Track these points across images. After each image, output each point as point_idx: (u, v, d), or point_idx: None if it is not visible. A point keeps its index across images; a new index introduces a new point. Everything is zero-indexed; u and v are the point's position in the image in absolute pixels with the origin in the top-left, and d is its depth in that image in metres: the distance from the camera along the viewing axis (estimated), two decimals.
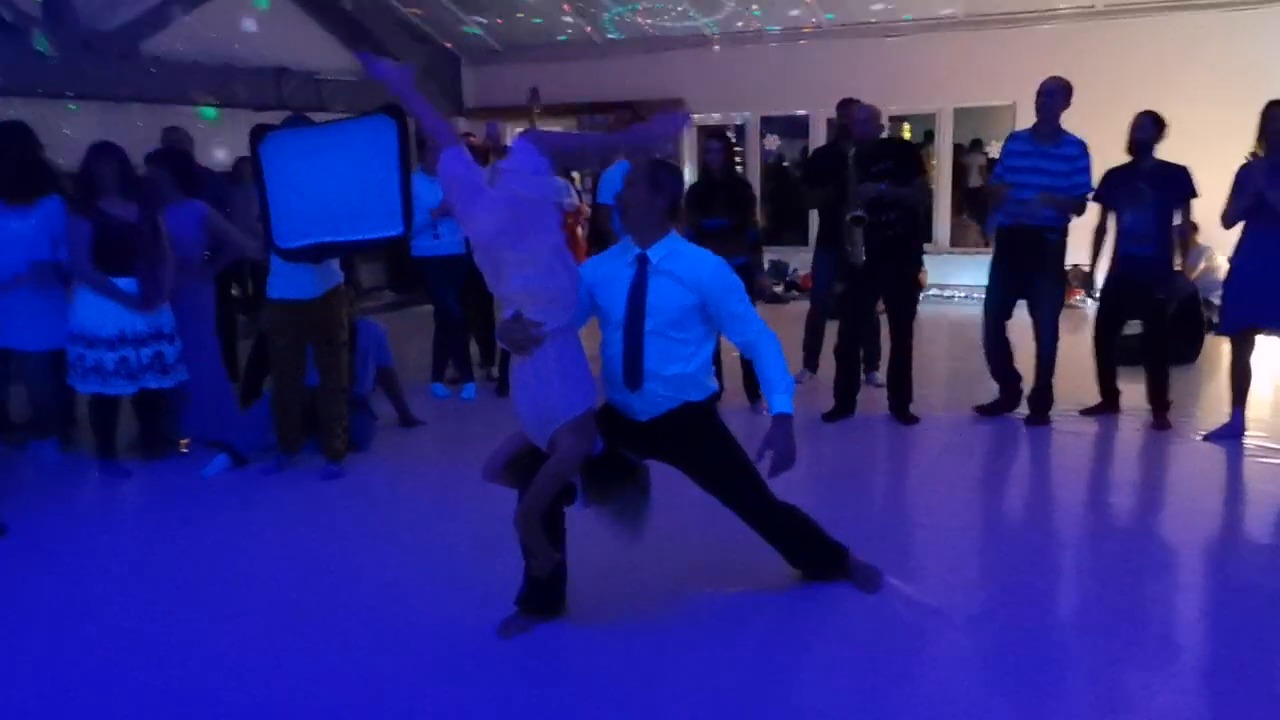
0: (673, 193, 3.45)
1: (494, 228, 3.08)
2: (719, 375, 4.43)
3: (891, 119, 11.53)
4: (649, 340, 3.39)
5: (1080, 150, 5.85)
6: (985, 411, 6.32)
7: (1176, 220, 5.95)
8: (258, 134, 4.93)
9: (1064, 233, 5.98)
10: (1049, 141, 5.86)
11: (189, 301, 5.60)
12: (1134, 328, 6.37)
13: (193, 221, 5.65)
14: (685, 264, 3.41)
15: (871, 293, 6.26)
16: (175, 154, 6.10)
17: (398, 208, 4.65)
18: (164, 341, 5.39)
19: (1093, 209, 6.12)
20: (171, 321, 5.43)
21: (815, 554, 3.78)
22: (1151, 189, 5.85)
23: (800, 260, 11.29)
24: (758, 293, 6.13)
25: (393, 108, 4.60)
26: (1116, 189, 5.96)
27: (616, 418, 3.50)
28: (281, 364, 5.33)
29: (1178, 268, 6.34)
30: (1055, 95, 5.84)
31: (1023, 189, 5.88)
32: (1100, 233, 6.16)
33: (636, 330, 3.40)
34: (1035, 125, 5.97)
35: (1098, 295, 6.31)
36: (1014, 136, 6.17)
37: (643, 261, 3.43)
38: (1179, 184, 5.87)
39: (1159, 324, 6.12)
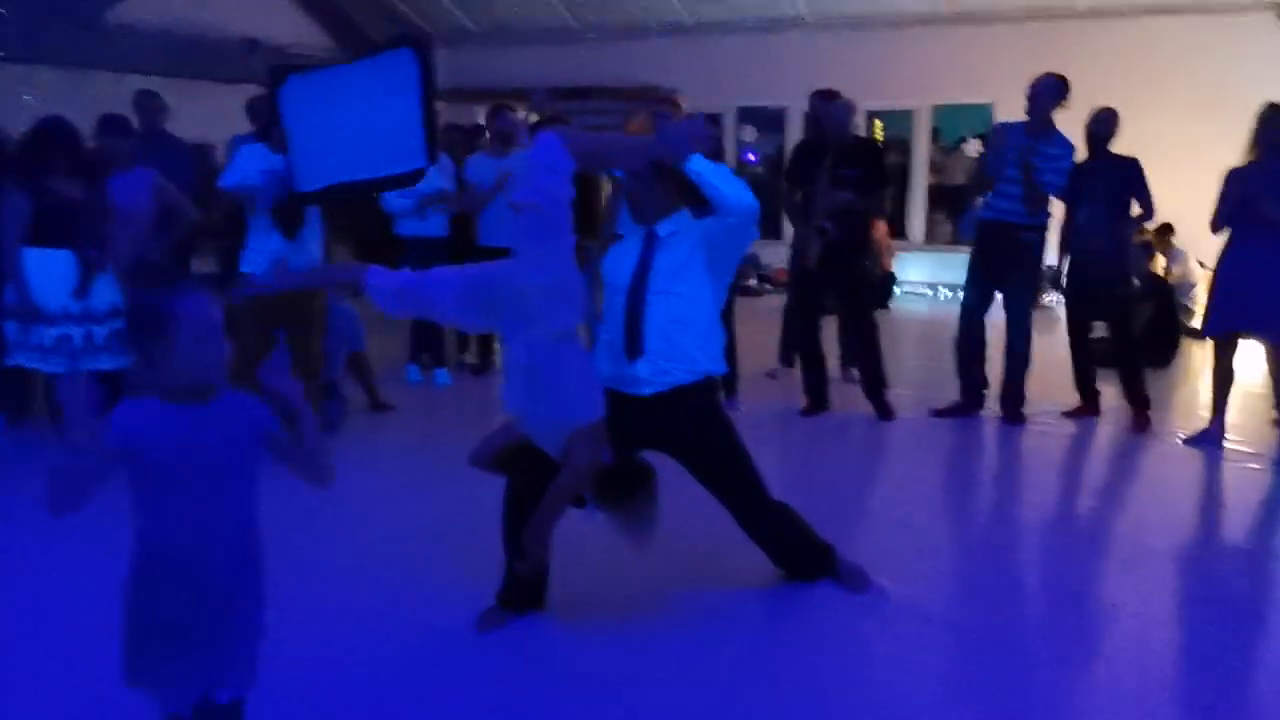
0: (678, 174, 3.38)
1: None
2: None
3: (869, 114, 11.54)
4: (653, 302, 3.33)
5: (1064, 152, 5.82)
6: (943, 414, 6.23)
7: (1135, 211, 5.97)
8: (278, 76, 4.70)
9: (1041, 230, 5.96)
10: (1040, 138, 5.81)
11: None
12: (1103, 329, 6.35)
13: (142, 191, 5.46)
14: (690, 228, 3.40)
15: (823, 290, 6.19)
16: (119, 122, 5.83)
17: (420, 141, 4.37)
18: (97, 323, 5.16)
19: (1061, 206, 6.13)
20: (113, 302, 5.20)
21: (801, 557, 3.71)
22: (1103, 183, 5.84)
23: (773, 254, 11.23)
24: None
25: (412, 38, 4.39)
26: (1072, 185, 5.92)
27: (616, 401, 3.39)
28: (247, 346, 5.02)
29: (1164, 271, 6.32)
30: (1044, 92, 5.80)
31: (1005, 181, 5.85)
32: (1066, 229, 6.14)
33: (639, 295, 3.34)
34: (1027, 121, 5.89)
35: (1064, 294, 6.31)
36: (1009, 129, 6.04)
37: (651, 236, 3.40)
38: (1129, 176, 5.86)
39: (1123, 321, 6.14)
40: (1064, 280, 6.25)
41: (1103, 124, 5.95)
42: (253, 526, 2.23)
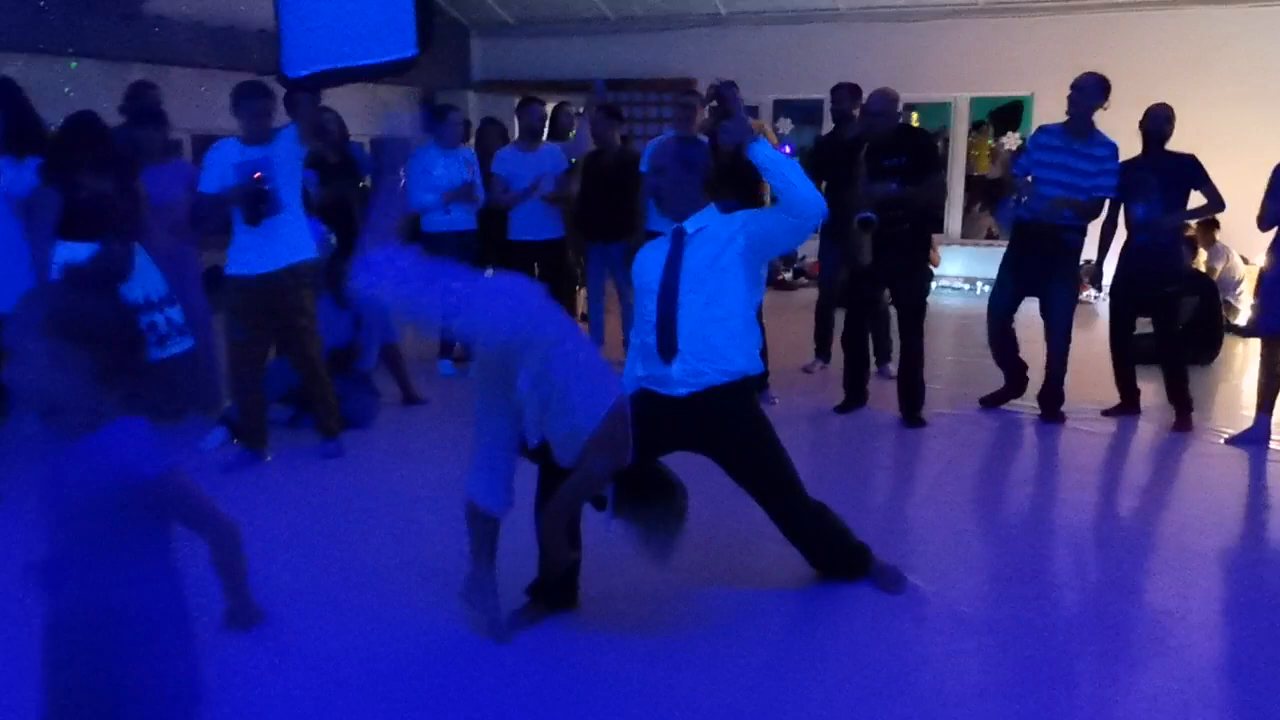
0: (704, 166, 3.37)
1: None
2: None
3: (906, 106, 11.41)
4: (685, 302, 3.28)
5: (1110, 152, 5.69)
6: (989, 402, 6.22)
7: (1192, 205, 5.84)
8: None
9: (1083, 233, 5.88)
10: (1080, 139, 5.69)
11: (175, 267, 5.40)
12: (1145, 325, 6.24)
13: (178, 182, 5.47)
14: (721, 224, 3.34)
15: (877, 285, 6.08)
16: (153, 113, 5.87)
17: (411, 26, 4.13)
18: (156, 310, 5.19)
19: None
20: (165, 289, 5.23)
21: (838, 556, 3.66)
22: (1159, 180, 5.71)
23: (808, 247, 11.14)
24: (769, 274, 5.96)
25: None
26: (1124, 181, 5.81)
27: (650, 400, 3.36)
28: (240, 351, 4.94)
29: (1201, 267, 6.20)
30: (1087, 91, 5.66)
31: (1047, 185, 5.72)
32: (1110, 226, 6.03)
33: (671, 295, 3.29)
34: (1067, 121, 5.78)
35: (1106, 290, 6.19)
36: (1044, 130, 5.95)
37: (679, 234, 3.35)
38: (1188, 174, 5.73)
39: (1171, 319, 6.02)
40: (1107, 275, 6.13)
41: (1159, 120, 5.80)
42: (150, 607, 1.75)
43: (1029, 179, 5.80)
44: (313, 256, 5.05)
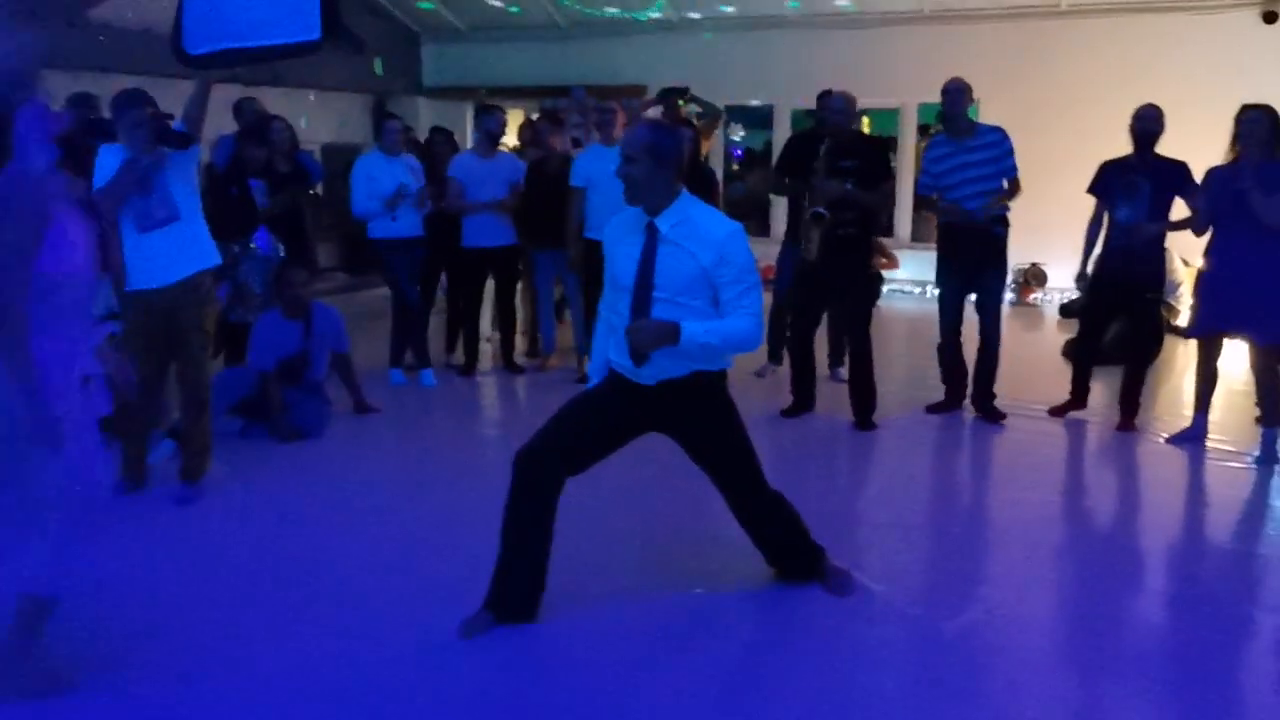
0: (677, 155, 3.31)
1: None
2: None
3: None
4: (657, 309, 3.27)
5: (1000, 136, 5.98)
6: (936, 409, 6.31)
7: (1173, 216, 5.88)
8: None
9: (1007, 224, 6.06)
10: (967, 136, 5.96)
11: None
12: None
13: None
14: (697, 230, 3.28)
15: (823, 289, 6.14)
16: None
17: (315, 10, 4.07)
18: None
19: (1087, 201, 6.11)
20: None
21: (795, 551, 3.70)
22: (1148, 183, 5.78)
23: (761, 251, 11.21)
24: None
25: None
26: (1112, 182, 5.91)
27: (621, 382, 3.39)
28: (140, 374, 4.44)
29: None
30: (958, 94, 5.98)
31: (953, 189, 5.95)
32: (1094, 226, 6.10)
33: (644, 304, 3.28)
34: (947, 125, 6.14)
35: (1085, 289, 6.25)
36: (932, 144, 6.29)
37: (652, 231, 3.30)
38: (1177, 180, 5.76)
39: (1145, 322, 6.14)
40: (1086, 276, 6.15)
41: (1148, 122, 5.84)
42: None
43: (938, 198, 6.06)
44: (214, 264, 4.78)
